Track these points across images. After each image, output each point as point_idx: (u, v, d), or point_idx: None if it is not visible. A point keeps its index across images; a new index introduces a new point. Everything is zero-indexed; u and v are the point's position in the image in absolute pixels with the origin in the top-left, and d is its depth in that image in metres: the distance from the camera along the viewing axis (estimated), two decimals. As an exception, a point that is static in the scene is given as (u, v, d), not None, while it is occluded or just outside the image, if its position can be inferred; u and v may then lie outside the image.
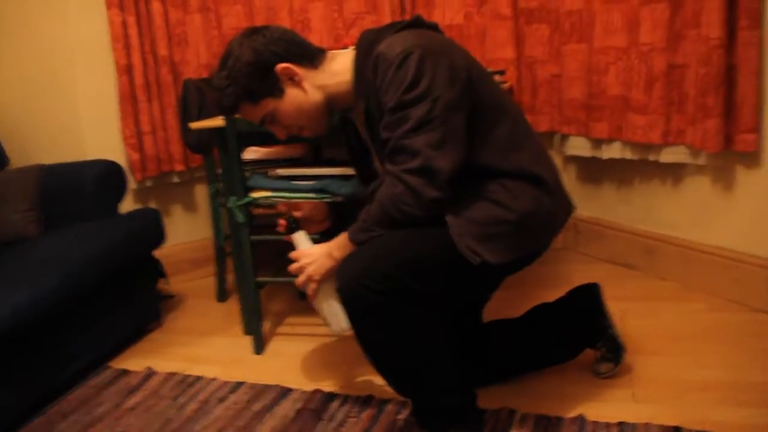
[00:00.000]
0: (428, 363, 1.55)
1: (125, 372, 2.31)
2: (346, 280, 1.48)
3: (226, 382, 2.17)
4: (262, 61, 1.60)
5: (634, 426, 1.71)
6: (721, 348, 2.09)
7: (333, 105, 1.68)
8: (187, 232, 3.22)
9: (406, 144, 1.47)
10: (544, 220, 1.62)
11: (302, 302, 2.79)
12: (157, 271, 2.71)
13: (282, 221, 1.78)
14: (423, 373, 1.56)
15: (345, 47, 1.82)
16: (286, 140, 1.79)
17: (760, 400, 1.80)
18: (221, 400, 2.06)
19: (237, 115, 1.69)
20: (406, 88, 1.46)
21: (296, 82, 1.63)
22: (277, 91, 1.62)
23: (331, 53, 1.70)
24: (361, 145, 1.80)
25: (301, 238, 1.79)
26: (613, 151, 2.71)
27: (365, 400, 1.97)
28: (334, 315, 1.75)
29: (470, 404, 1.66)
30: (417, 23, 1.60)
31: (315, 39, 2.88)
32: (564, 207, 1.70)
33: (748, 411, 1.75)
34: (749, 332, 2.18)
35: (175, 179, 3.10)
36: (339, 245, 1.60)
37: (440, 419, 1.62)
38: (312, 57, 1.65)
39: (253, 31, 1.64)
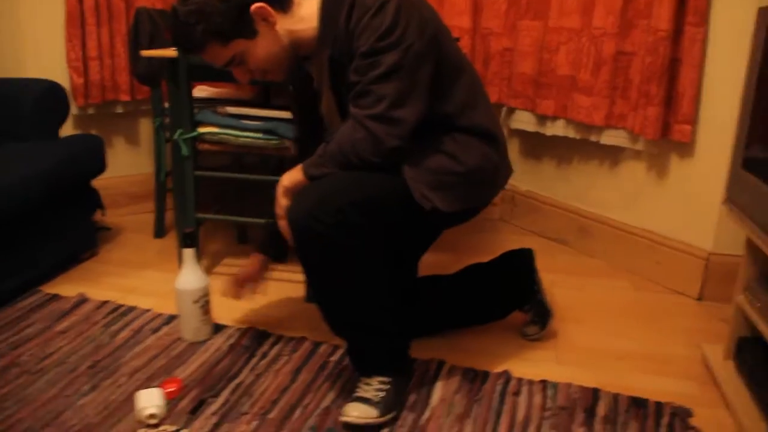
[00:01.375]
0: (367, 303, 1.59)
1: (57, 297, 2.29)
2: (299, 211, 1.50)
3: (159, 314, 2.17)
4: None
5: (555, 384, 1.80)
6: (639, 323, 2.21)
7: (297, 51, 1.68)
8: (127, 165, 3.16)
9: (374, 89, 1.49)
10: (491, 176, 1.69)
11: (240, 245, 2.81)
12: (94, 200, 2.66)
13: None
14: (361, 313, 1.60)
15: None
16: (236, 81, 1.76)
17: (671, 370, 1.92)
18: (154, 330, 2.07)
19: (202, 55, 1.64)
20: (381, 35, 1.48)
21: (270, 24, 1.60)
22: (250, 33, 1.59)
23: None
24: (310, 94, 1.80)
25: (189, 255, 1.96)
26: (557, 129, 2.79)
27: (298, 341, 2.01)
28: (190, 320, 1.98)
29: (403, 350, 1.72)
30: None
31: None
32: (507, 168, 1.77)
33: (660, 379, 1.87)
34: (667, 311, 2.30)
35: (119, 109, 3.03)
36: (290, 175, 1.62)
37: (372, 361, 1.67)
38: (282, 0, 1.64)
39: None
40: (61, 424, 1.61)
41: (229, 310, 2.21)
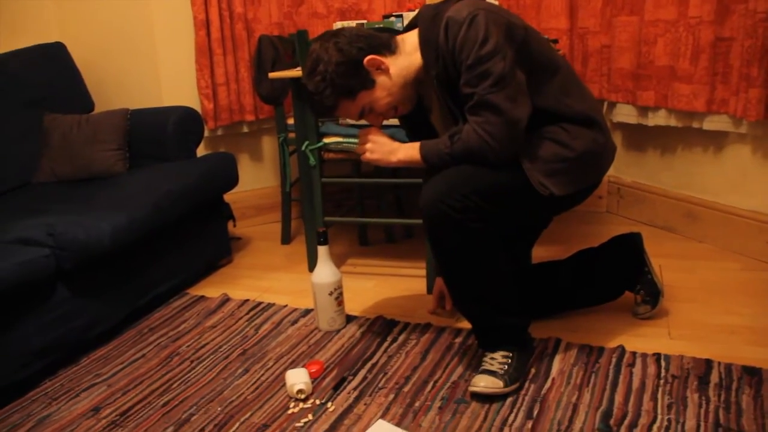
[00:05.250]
0: (491, 282, 1.76)
1: (203, 297, 2.56)
2: (430, 197, 1.70)
3: (296, 309, 2.40)
4: (351, 58, 1.76)
5: (668, 357, 1.90)
6: (751, 301, 2.26)
7: (415, 81, 1.85)
8: (252, 179, 3.44)
9: (490, 99, 1.65)
10: (599, 157, 1.84)
11: (361, 247, 3.03)
12: (227, 213, 2.94)
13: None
14: (486, 290, 1.77)
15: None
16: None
17: (785, 343, 1.98)
18: (293, 322, 2.30)
19: (337, 114, 1.87)
20: (480, 44, 1.65)
21: (383, 70, 1.80)
22: (369, 83, 1.79)
23: (399, 37, 1.87)
24: (419, 111, 1.97)
25: (323, 252, 2.19)
26: (659, 119, 2.86)
27: (424, 327, 2.19)
28: (325, 311, 2.19)
29: (523, 327, 1.87)
30: None
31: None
32: (611, 146, 1.90)
33: (773, 350, 1.94)
34: (778, 288, 2.35)
35: (245, 129, 3.32)
36: (407, 153, 1.81)
37: (496, 337, 1.83)
38: (388, 44, 1.82)
39: (331, 35, 1.80)
40: (222, 400, 1.85)
41: (360, 303, 2.42)
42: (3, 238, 2.08)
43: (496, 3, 2.67)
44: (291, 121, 2.94)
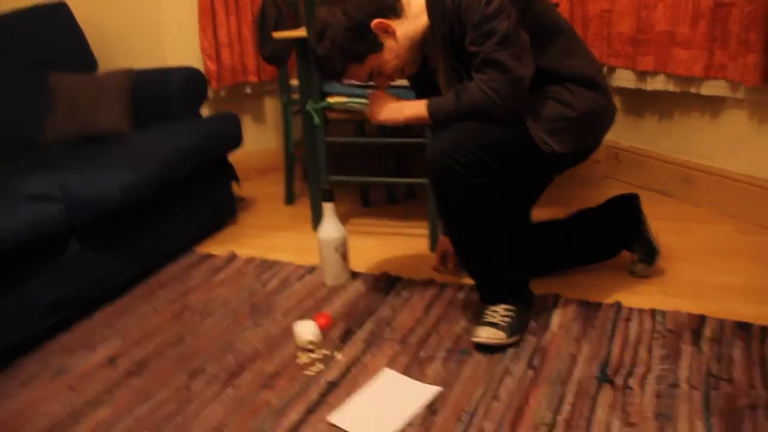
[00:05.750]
0: (494, 236, 1.83)
1: (210, 255, 2.62)
2: (436, 152, 1.76)
3: (301, 266, 2.46)
4: (358, 22, 1.79)
5: (664, 312, 1.97)
6: (744, 261, 2.32)
7: (422, 43, 1.90)
8: (255, 141, 3.48)
9: (496, 57, 1.70)
10: (600, 118, 1.90)
11: (364, 208, 3.09)
12: (231, 173, 2.98)
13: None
14: (489, 245, 1.84)
15: None
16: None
17: (776, 300, 2.05)
18: (299, 278, 2.36)
19: (345, 79, 1.91)
20: (486, 3, 1.70)
21: (390, 34, 1.83)
22: (377, 46, 1.83)
23: (404, 0, 1.88)
24: (426, 72, 2.01)
25: (328, 208, 2.21)
26: (657, 83, 2.91)
27: (427, 283, 2.26)
28: (331, 266, 2.24)
29: (524, 282, 1.94)
30: None
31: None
32: (612, 107, 1.96)
33: (764, 307, 2.00)
34: (770, 250, 2.42)
35: (248, 90, 3.35)
36: (413, 110, 1.86)
37: (498, 292, 1.90)
38: (393, 8, 1.85)
39: (336, 0, 1.83)
40: (234, 351, 1.92)
41: (363, 261, 2.48)
42: (15, 195, 2.12)
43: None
44: (295, 82, 2.97)
